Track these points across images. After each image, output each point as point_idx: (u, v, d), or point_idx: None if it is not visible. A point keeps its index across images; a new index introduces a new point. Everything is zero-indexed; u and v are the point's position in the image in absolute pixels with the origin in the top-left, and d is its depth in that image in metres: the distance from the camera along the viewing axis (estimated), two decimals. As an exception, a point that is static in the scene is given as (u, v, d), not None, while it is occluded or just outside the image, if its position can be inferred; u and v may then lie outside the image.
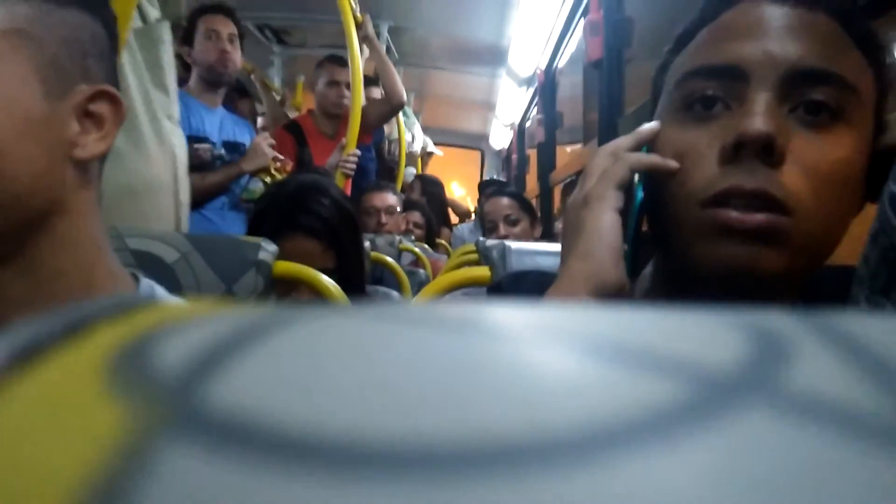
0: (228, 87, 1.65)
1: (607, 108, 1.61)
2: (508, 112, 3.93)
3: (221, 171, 1.50)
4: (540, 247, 0.83)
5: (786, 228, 0.34)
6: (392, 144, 2.83)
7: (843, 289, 0.34)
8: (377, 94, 2.27)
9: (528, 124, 3.52)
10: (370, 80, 2.25)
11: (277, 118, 2.44)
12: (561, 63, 2.60)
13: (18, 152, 0.36)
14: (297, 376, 0.07)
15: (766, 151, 0.34)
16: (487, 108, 4.18)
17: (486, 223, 1.82)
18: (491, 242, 0.86)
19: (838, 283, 0.35)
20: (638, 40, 1.60)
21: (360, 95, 1.85)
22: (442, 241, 2.64)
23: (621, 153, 0.39)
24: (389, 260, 1.33)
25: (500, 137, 4.63)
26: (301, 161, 1.91)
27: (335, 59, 2.05)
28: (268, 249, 0.70)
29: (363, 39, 1.96)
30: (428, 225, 2.42)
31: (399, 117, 2.70)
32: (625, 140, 0.40)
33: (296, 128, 2.06)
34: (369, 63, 2.08)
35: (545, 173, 2.66)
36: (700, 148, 0.36)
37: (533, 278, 0.51)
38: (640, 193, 0.41)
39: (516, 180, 3.63)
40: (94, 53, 0.42)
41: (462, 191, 5.44)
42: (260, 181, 1.56)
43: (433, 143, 3.73)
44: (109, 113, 0.42)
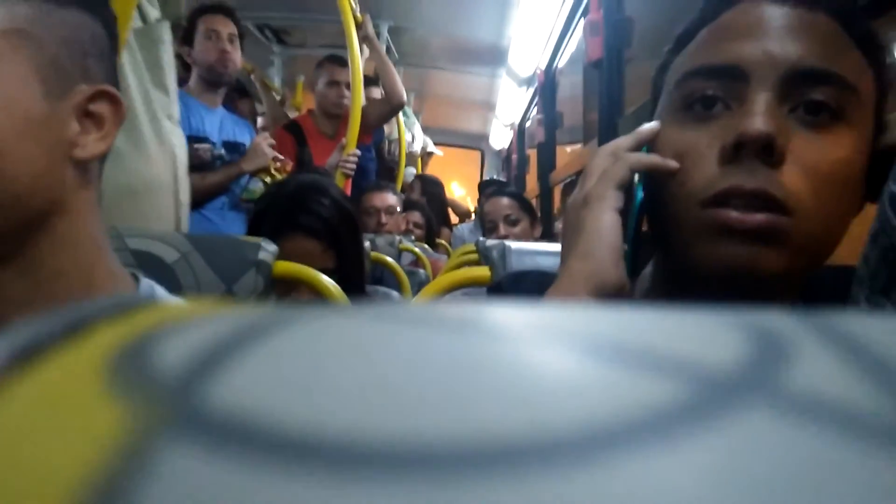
0: (228, 87, 1.64)
1: (607, 108, 1.61)
2: (508, 112, 3.92)
3: (221, 171, 1.50)
4: (540, 247, 0.83)
5: (786, 228, 0.34)
6: (392, 144, 2.83)
7: (843, 289, 0.34)
8: (377, 94, 2.27)
9: (528, 124, 3.52)
10: (370, 80, 2.25)
11: (277, 118, 2.44)
12: (561, 63, 2.60)
13: (18, 152, 0.36)
14: (297, 376, 0.07)
15: (766, 151, 0.34)
16: (487, 108, 4.18)
17: (486, 223, 1.82)
18: (491, 242, 0.86)
19: (838, 283, 0.35)
20: (638, 40, 1.60)
21: (360, 95, 1.85)
22: (442, 241, 2.64)
23: (621, 153, 0.39)
24: (389, 260, 1.33)
25: (500, 137, 4.62)
26: (301, 161, 1.91)
27: (335, 59, 2.05)
28: (268, 249, 0.70)
29: (363, 39, 1.95)
30: (428, 225, 2.42)
31: (399, 117, 2.70)
32: (625, 140, 0.40)
33: (296, 128, 2.06)
34: (369, 63, 2.08)
35: (545, 173, 2.66)
36: (700, 148, 0.36)
37: (533, 278, 0.51)
38: (641, 193, 0.41)
39: (516, 180, 3.63)
40: (94, 53, 0.42)
41: (462, 191, 5.43)
42: (260, 181, 1.56)
43: (433, 142, 3.73)
44: (109, 113, 0.41)
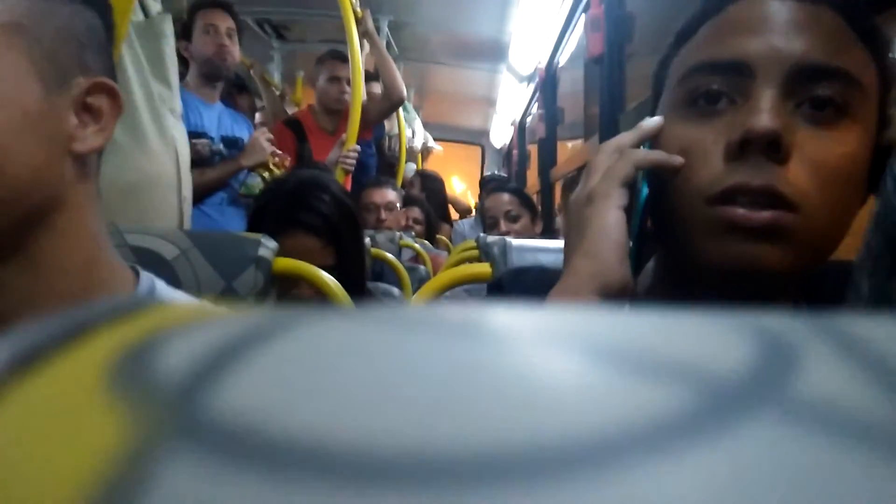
0: (227, 82, 1.64)
1: (608, 105, 1.60)
2: (509, 108, 3.92)
3: (220, 166, 1.50)
4: (541, 243, 0.83)
5: (791, 225, 0.34)
6: (392, 140, 2.83)
7: (845, 284, 0.34)
8: (378, 89, 2.26)
9: (528, 120, 3.52)
10: (370, 76, 2.24)
11: (277, 114, 2.44)
12: (562, 59, 2.60)
13: (17, 147, 0.36)
14: (300, 383, 0.07)
15: (773, 148, 0.34)
16: (488, 103, 4.17)
17: (486, 219, 1.81)
18: (492, 239, 0.86)
19: (841, 279, 0.35)
20: (639, 36, 1.59)
21: (360, 91, 1.84)
22: (442, 237, 2.64)
23: (625, 150, 0.39)
24: (390, 256, 1.33)
25: (501, 133, 4.62)
26: (301, 157, 1.91)
27: (336, 55, 2.05)
28: (268, 246, 0.70)
29: (363, 35, 1.95)
30: (428, 221, 2.42)
31: (399, 113, 2.70)
32: (628, 136, 0.40)
33: (296, 124, 2.05)
34: (369, 59, 2.07)
35: (546, 169, 2.66)
36: (705, 144, 0.36)
37: (534, 275, 0.51)
38: (645, 190, 0.41)
39: (517, 176, 3.63)
40: (91, 46, 0.41)
41: (462, 185, 5.43)
42: (258, 176, 1.56)
43: (434, 138, 3.72)
44: (107, 106, 0.41)
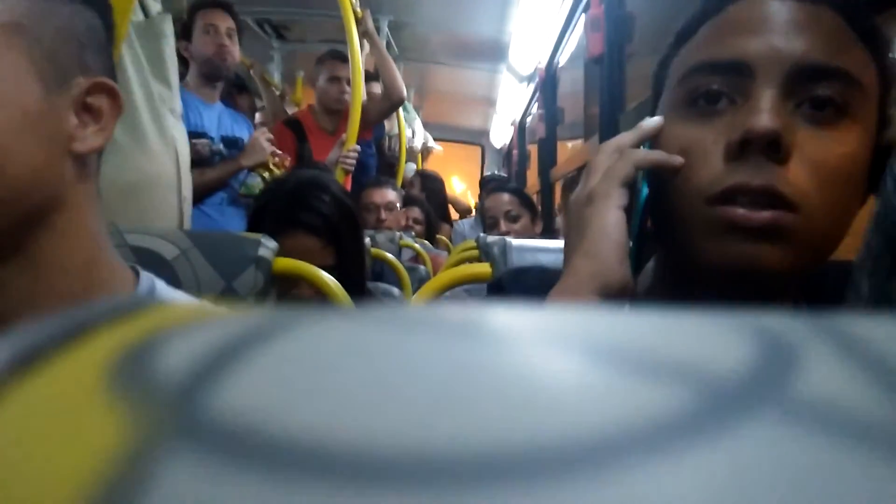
0: (227, 82, 1.64)
1: (608, 105, 1.60)
2: (509, 108, 3.92)
3: (220, 166, 1.50)
4: (541, 243, 0.83)
5: (792, 225, 0.34)
6: (392, 140, 2.82)
7: (845, 284, 0.34)
8: (378, 89, 2.26)
9: (528, 120, 3.52)
10: (370, 76, 2.24)
11: (278, 114, 2.43)
12: (562, 59, 2.60)
13: (17, 148, 0.36)
14: (301, 383, 0.07)
15: (773, 148, 0.34)
16: (488, 103, 4.17)
17: (486, 219, 1.81)
18: (492, 239, 0.86)
19: (841, 279, 0.35)
20: (639, 36, 1.59)
21: (360, 91, 1.84)
22: (442, 237, 2.63)
23: (625, 150, 0.39)
24: (390, 256, 1.33)
25: (501, 133, 4.61)
26: (301, 157, 1.91)
27: (336, 55, 2.05)
28: (268, 246, 0.70)
29: (363, 34, 1.95)
30: (428, 221, 2.42)
31: (399, 113, 2.69)
32: (628, 136, 0.40)
33: (296, 124, 2.05)
34: (369, 59, 2.07)
35: (546, 169, 2.66)
36: (705, 144, 0.36)
37: (534, 275, 0.51)
38: (645, 190, 0.41)
39: (517, 176, 3.63)
40: (91, 45, 0.41)
41: (462, 185, 5.43)
42: (258, 176, 1.56)
43: (433, 138, 3.71)
44: (107, 106, 0.41)
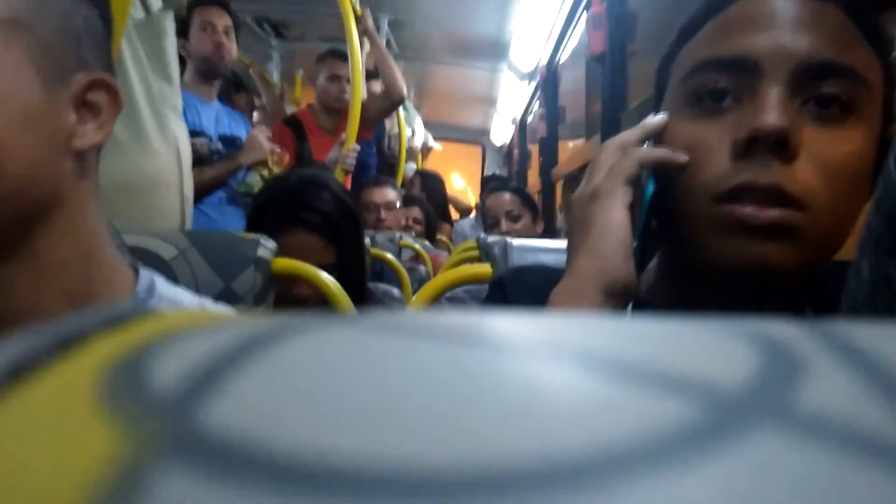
0: (224, 80, 1.64)
1: (610, 103, 1.60)
2: (510, 107, 3.91)
3: (218, 165, 1.50)
4: (542, 243, 0.82)
5: (799, 224, 0.34)
6: (392, 139, 2.82)
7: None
8: (378, 88, 2.25)
9: (529, 119, 3.51)
10: (370, 74, 2.23)
11: (278, 113, 2.43)
12: (563, 57, 2.59)
13: (18, 145, 0.36)
14: (297, 395, 0.07)
15: (780, 146, 0.34)
16: (489, 102, 4.16)
17: (487, 218, 1.81)
18: (492, 239, 0.85)
19: (843, 279, 0.35)
20: (641, 34, 1.58)
21: (360, 90, 1.84)
22: (442, 236, 2.63)
23: (629, 147, 0.39)
24: (389, 256, 1.32)
25: (502, 132, 4.61)
26: (301, 156, 1.90)
27: (336, 54, 2.04)
28: (266, 246, 0.70)
29: (363, 33, 1.94)
30: (428, 221, 2.41)
31: (399, 112, 2.69)
32: (632, 133, 0.40)
33: (296, 123, 2.05)
34: (369, 58, 2.06)
35: (547, 169, 2.66)
36: (711, 142, 0.36)
37: (536, 273, 0.50)
38: (651, 188, 0.40)
39: (518, 176, 3.62)
40: (89, 41, 0.41)
41: (462, 182, 5.44)
42: (257, 174, 1.56)
43: (434, 138, 3.71)
44: (106, 102, 0.41)
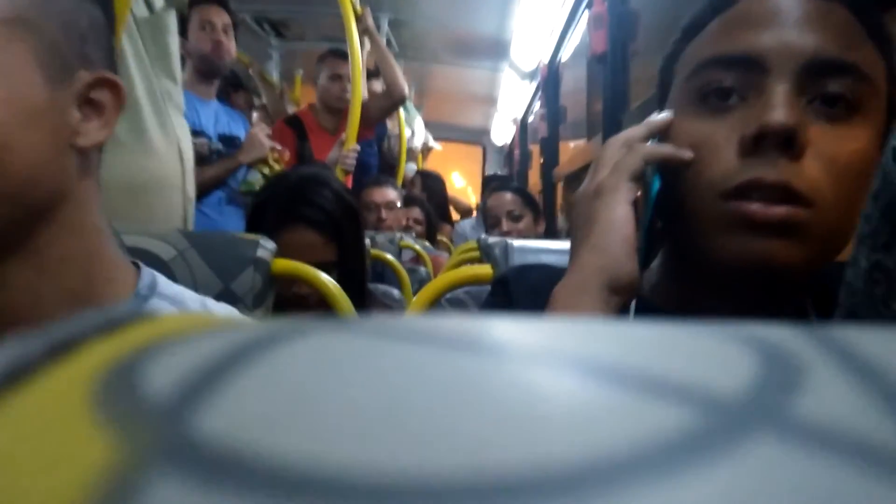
0: (223, 79, 1.63)
1: (611, 103, 1.59)
2: (511, 107, 3.90)
3: (218, 163, 1.50)
4: (543, 244, 0.82)
5: (805, 221, 0.34)
6: (392, 140, 2.81)
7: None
8: (379, 87, 2.25)
9: (530, 119, 3.50)
10: (371, 73, 2.23)
11: (279, 112, 2.43)
12: (564, 57, 2.58)
13: (21, 143, 0.36)
14: (294, 402, 0.07)
15: (788, 143, 0.34)
16: (489, 102, 4.16)
17: (488, 218, 1.80)
18: (493, 240, 0.85)
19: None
20: (643, 34, 1.58)
21: (361, 89, 1.83)
22: (443, 237, 2.62)
23: (634, 144, 0.39)
24: (390, 257, 1.32)
25: (503, 132, 4.60)
26: (301, 156, 1.90)
27: (337, 53, 2.04)
28: (266, 247, 0.69)
29: (363, 32, 1.94)
30: (428, 221, 2.40)
31: (399, 112, 2.68)
32: (637, 130, 0.40)
33: (297, 122, 2.05)
34: (370, 57, 2.06)
35: (548, 169, 2.65)
36: (717, 139, 0.36)
37: (538, 271, 0.50)
38: (657, 184, 0.40)
39: (518, 176, 3.62)
40: (93, 39, 0.41)
41: (462, 181, 5.43)
42: (258, 172, 1.55)
43: (434, 138, 3.70)
44: (110, 100, 0.41)
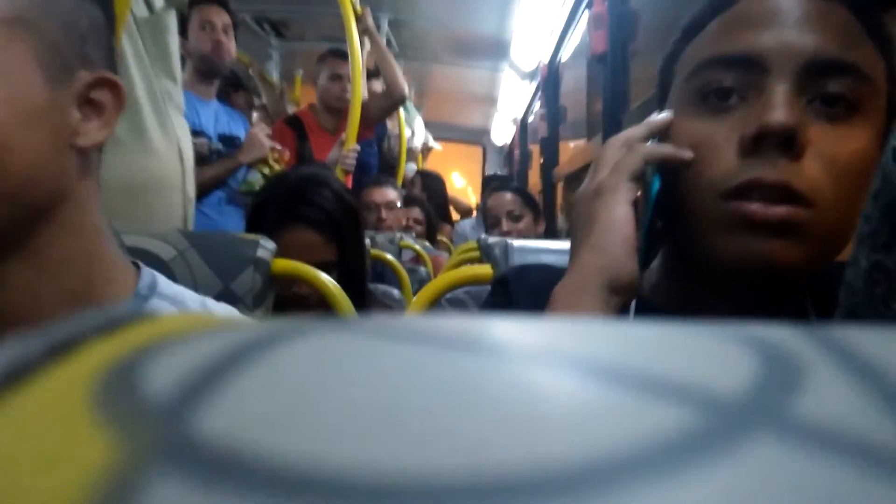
0: (223, 79, 1.63)
1: (611, 103, 1.59)
2: (511, 107, 3.90)
3: (218, 163, 1.50)
4: (543, 244, 0.82)
5: (805, 221, 0.34)
6: (392, 140, 2.81)
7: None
8: (379, 87, 2.25)
9: (530, 119, 3.50)
10: (371, 73, 2.23)
11: (279, 112, 2.42)
12: (564, 56, 2.58)
13: (22, 143, 0.36)
14: (294, 402, 0.07)
15: (788, 143, 0.34)
16: (489, 102, 4.16)
17: (489, 218, 1.80)
18: (493, 240, 0.85)
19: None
20: (643, 34, 1.57)
21: (360, 89, 1.83)
22: (443, 237, 2.62)
23: (634, 144, 0.39)
24: (390, 257, 1.32)
25: (503, 132, 4.60)
26: (302, 156, 1.90)
27: (338, 53, 2.03)
28: (266, 247, 0.69)
29: (363, 32, 1.94)
30: (428, 221, 2.40)
31: (399, 112, 2.68)
32: (637, 130, 0.40)
33: (297, 122, 2.04)
34: (370, 57, 2.06)
35: (548, 169, 2.65)
36: (717, 139, 0.36)
37: (538, 271, 0.50)
38: (657, 184, 0.40)
39: (518, 176, 3.62)
40: (93, 39, 0.41)
41: (462, 181, 5.43)
42: (258, 172, 1.55)
43: (434, 138, 3.70)
44: (110, 100, 0.41)
